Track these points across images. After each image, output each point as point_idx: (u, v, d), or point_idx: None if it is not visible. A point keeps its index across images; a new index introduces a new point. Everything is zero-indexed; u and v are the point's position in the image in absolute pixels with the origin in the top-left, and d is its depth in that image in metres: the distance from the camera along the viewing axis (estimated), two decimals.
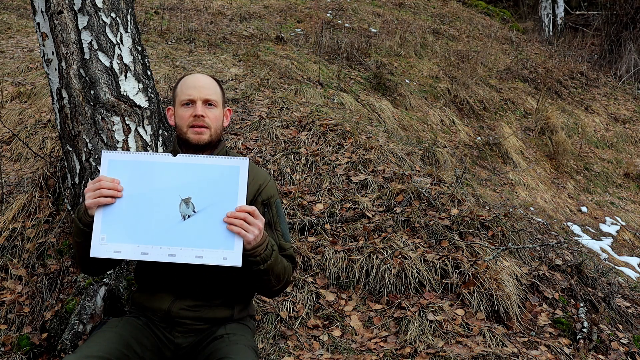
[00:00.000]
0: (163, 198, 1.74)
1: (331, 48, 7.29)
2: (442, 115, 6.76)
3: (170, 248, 1.72)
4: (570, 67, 9.58)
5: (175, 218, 1.73)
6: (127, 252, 1.73)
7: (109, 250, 1.74)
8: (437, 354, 2.76)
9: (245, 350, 1.82)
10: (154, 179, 1.75)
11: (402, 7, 10.92)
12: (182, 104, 1.90)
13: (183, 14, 8.13)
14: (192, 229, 1.72)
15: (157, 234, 1.73)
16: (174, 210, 1.73)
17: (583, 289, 3.49)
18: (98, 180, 1.73)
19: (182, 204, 1.73)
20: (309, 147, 4.39)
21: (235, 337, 1.87)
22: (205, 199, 1.74)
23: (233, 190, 1.73)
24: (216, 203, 1.73)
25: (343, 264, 3.32)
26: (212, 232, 1.72)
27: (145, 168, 1.76)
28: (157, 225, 1.73)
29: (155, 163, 1.76)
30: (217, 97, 1.93)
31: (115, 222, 1.74)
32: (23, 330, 2.90)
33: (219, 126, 1.94)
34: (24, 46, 6.42)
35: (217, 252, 1.71)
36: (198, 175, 1.75)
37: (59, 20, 2.83)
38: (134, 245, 1.73)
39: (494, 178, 5.96)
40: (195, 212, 1.73)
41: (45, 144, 4.32)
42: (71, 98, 2.88)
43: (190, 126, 1.88)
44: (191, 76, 1.96)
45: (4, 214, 3.48)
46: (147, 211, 1.74)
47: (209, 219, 1.73)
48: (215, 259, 1.71)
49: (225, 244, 1.71)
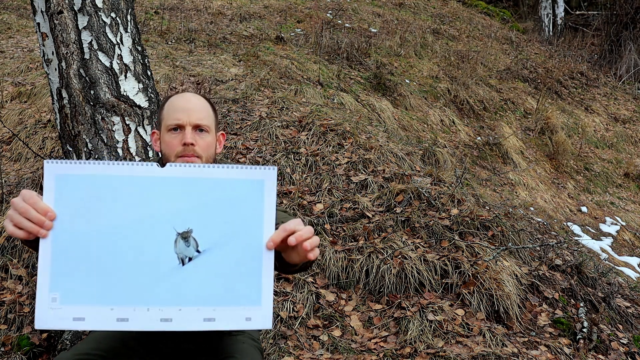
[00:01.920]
0: (148, 232, 1.19)
1: (331, 48, 7.29)
2: (442, 115, 6.76)
3: (163, 309, 1.18)
4: (570, 67, 9.58)
5: (168, 262, 1.19)
6: (94, 320, 1.17)
7: (65, 318, 1.16)
8: (437, 354, 2.76)
9: (252, 350, 1.80)
10: (131, 203, 1.19)
11: (402, 7, 10.92)
12: (169, 129, 1.64)
13: (183, 14, 8.13)
14: (196, 278, 1.19)
15: (142, 289, 1.18)
16: (166, 251, 1.19)
17: (583, 289, 3.49)
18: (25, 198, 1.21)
19: (179, 240, 1.20)
20: (309, 147, 4.39)
21: (242, 336, 1.85)
22: (215, 232, 1.21)
23: (256, 215, 1.21)
24: (231, 236, 1.21)
25: (343, 264, 3.32)
26: (228, 281, 1.20)
27: (117, 186, 1.19)
28: (141, 275, 1.18)
29: (133, 178, 1.19)
30: (209, 122, 1.68)
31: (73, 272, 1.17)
32: (23, 330, 2.90)
33: (211, 154, 1.68)
34: (24, 46, 6.42)
35: (237, 310, 1.20)
36: (200, 195, 1.21)
37: (59, 20, 2.83)
38: (105, 307, 1.17)
39: (494, 178, 5.96)
40: (199, 252, 1.20)
41: (45, 144, 4.32)
42: (71, 98, 2.88)
43: (179, 156, 1.62)
44: (180, 96, 1.70)
45: (4, 214, 3.48)
46: (124, 253, 1.19)
47: (221, 260, 1.20)
48: (234, 321, 1.20)
49: (249, 297, 1.20)
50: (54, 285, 1.17)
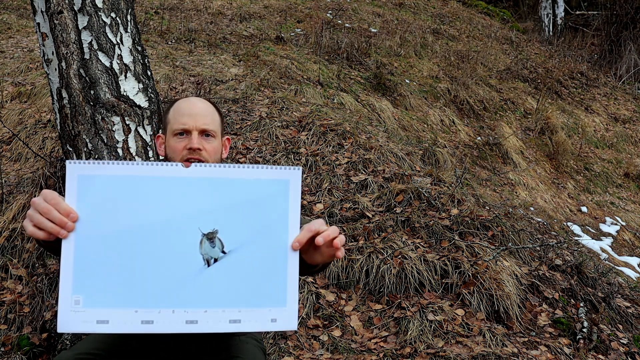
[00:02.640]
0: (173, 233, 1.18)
1: (331, 48, 7.29)
2: (442, 115, 6.76)
3: (188, 311, 1.17)
4: (570, 67, 9.58)
5: (194, 263, 1.18)
6: (118, 323, 1.16)
7: (89, 321, 1.15)
8: (437, 354, 2.76)
9: (256, 350, 1.79)
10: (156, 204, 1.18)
11: (402, 7, 10.92)
12: (175, 133, 1.64)
13: (183, 14, 8.13)
14: (222, 280, 1.18)
15: (167, 291, 1.17)
16: (192, 252, 1.18)
17: (583, 289, 3.49)
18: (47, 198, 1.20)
19: (205, 241, 1.19)
20: (309, 147, 4.39)
21: (244, 337, 1.85)
22: (240, 232, 1.20)
23: (281, 216, 1.21)
24: (257, 237, 1.20)
25: (343, 264, 3.32)
26: (253, 282, 1.19)
27: (141, 186, 1.19)
28: (166, 277, 1.17)
29: (157, 179, 1.19)
30: (216, 126, 1.67)
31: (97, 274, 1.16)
32: (23, 330, 2.90)
33: (217, 160, 1.67)
34: (24, 46, 6.42)
35: (263, 311, 1.19)
36: (225, 195, 1.20)
37: (59, 20, 2.83)
38: (129, 310, 1.16)
39: (494, 178, 5.96)
40: (225, 253, 1.19)
41: (45, 144, 4.32)
42: (71, 98, 2.88)
43: (185, 160, 1.60)
44: (186, 101, 1.69)
45: (4, 214, 3.48)
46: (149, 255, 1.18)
47: (246, 262, 1.19)
48: (260, 323, 1.19)
49: (274, 298, 1.19)
50: (77, 287, 1.15)
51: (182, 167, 1.21)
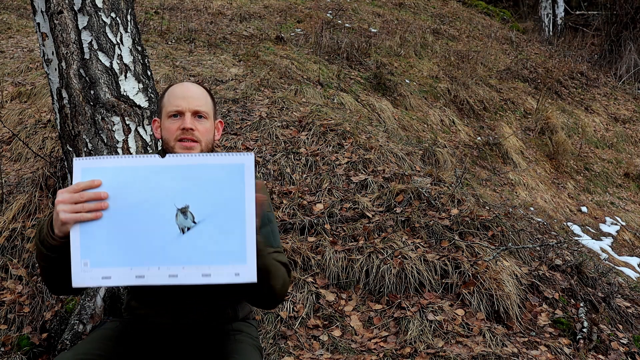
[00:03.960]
0: (155, 209, 1.48)
1: (331, 48, 7.29)
2: (442, 115, 6.76)
3: (170, 268, 1.48)
4: (570, 67, 9.57)
5: (172, 232, 1.48)
6: (118, 277, 1.48)
7: (96, 277, 1.47)
8: (437, 354, 2.76)
9: (251, 350, 1.80)
10: (141, 187, 1.50)
11: (402, 7, 10.92)
12: (170, 115, 1.74)
13: (183, 14, 8.13)
14: (194, 243, 1.48)
15: (153, 253, 1.48)
16: (170, 223, 1.48)
17: (583, 289, 3.49)
18: (78, 188, 1.44)
19: (179, 214, 1.49)
20: (309, 147, 4.39)
21: (240, 336, 1.85)
22: (207, 206, 1.49)
23: (239, 192, 1.49)
24: (221, 209, 1.49)
25: (343, 264, 3.32)
26: (219, 245, 1.48)
27: (129, 174, 1.50)
28: (152, 242, 1.48)
29: (140, 167, 1.50)
30: (208, 109, 1.78)
31: (99, 243, 1.48)
32: (23, 330, 2.90)
33: (209, 140, 1.78)
34: (24, 46, 6.42)
35: (227, 267, 1.48)
36: (194, 178, 1.50)
37: (59, 20, 2.83)
38: (125, 268, 1.47)
39: (494, 178, 5.96)
40: (195, 223, 1.49)
41: (45, 144, 4.32)
42: (71, 98, 2.88)
43: (179, 140, 1.72)
44: (179, 85, 1.80)
45: (4, 214, 3.48)
46: (137, 226, 1.48)
47: (213, 229, 1.48)
48: (226, 276, 1.47)
49: (236, 257, 1.48)
50: (84, 253, 1.48)
51: (159, 157, 1.51)
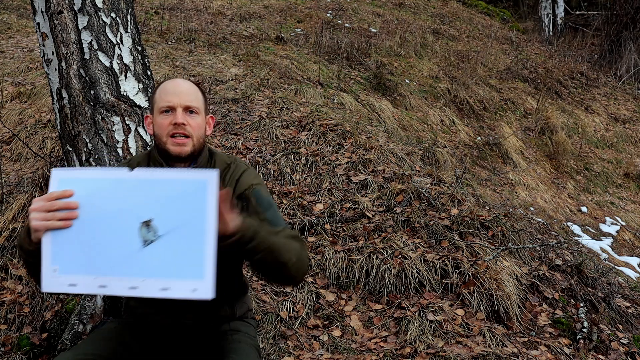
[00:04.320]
0: (120, 221, 1.51)
1: (331, 48, 7.29)
2: (442, 115, 6.76)
3: (131, 279, 1.50)
4: (570, 67, 9.57)
5: (135, 244, 1.50)
6: (83, 285, 1.52)
7: (63, 284, 1.52)
8: (437, 354, 2.76)
9: (248, 349, 1.80)
10: (109, 199, 1.53)
11: (402, 7, 10.92)
12: (161, 111, 1.75)
13: (183, 14, 8.13)
14: (156, 256, 1.50)
15: (116, 264, 1.50)
16: (133, 235, 1.50)
17: (583, 289, 3.49)
18: (51, 197, 1.50)
19: (142, 227, 1.50)
20: (309, 147, 4.39)
21: (238, 335, 1.85)
22: (169, 221, 1.50)
23: (201, 208, 1.49)
24: (182, 224, 1.50)
25: (343, 264, 3.32)
26: (179, 260, 1.49)
27: (99, 186, 1.54)
28: (115, 253, 1.51)
29: (109, 180, 1.54)
30: (199, 104, 1.79)
31: (68, 251, 1.52)
32: (23, 330, 2.90)
33: (201, 135, 1.79)
34: (24, 46, 6.42)
35: (186, 282, 1.49)
36: (159, 192, 1.51)
37: (59, 20, 2.83)
38: (90, 277, 1.51)
39: (494, 178, 5.96)
40: (158, 237, 1.50)
41: (45, 144, 4.32)
42: (71, 98, 2.88)
43: (170, 135, 1.73)
44: (171, 82, 1.82)
45: (4, 214, 3.48)
46: (103, 236, 1.51)
47: (174, 243, 1.50)
48: (184, 292, 1.49)
49: (195, 272, 1.48)
50: (55, 259, 1.52)
51: (127, 170, 1.54)
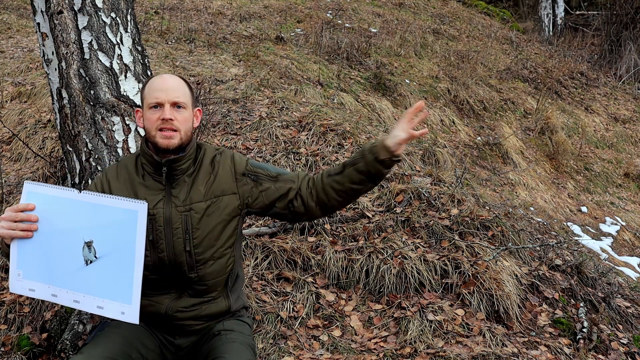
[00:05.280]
0: (70, 238, 1.62)
1: (331, 48, 7.29)
2: (442, 115, 6.76)
3: (74, 294, 1.62)
4: (570, 67, 9.57)
5: (79, 262, 1.62)
6: (39, 292, 1.65)
7: (24, 288, 1.66)
8: (437, 354, 2.76)
9: (242, 348, 1.82)
10: (62, 216, 1.64)
11: (402, 7, 10.91)
12: (150, 106, 1.84)
13: (183, 14, 8.13)
14: (94, 276, 1.61)
15: (65, 277, 1.62)
16: (78, 253, 1.62)
17: (583, 289, 3.49)
18: (17, 209, 1.68)
19: (85, 247, 1.62)
20: (309, 147, 4.39)
21: (232, 334, 1.87)
22: (106, 245, 1.61)
23: (131, 237, 1.60)
24: (115, 250, 1.61)
25: (343, 264, 3.32)
26: (112, 283, 1.60)
27: (56, 203, 1.65)
28: (65, 267, 1.62)
29: (63, 199, 1.65)
30: (186, 99, 1.87)
31: (30, 258, 1.65)
32: (23, 330, 2.90)
33: (188, 128, 1.87)
34: (24, 46, 6.41)
35: (116, 305, 1.60)
36: (99, 216, 1.62)
37: (59, 20, 2.83)
38: (45, 285, 1.64)
39: (494, 178, 5.96)
40: (96, 258, 1.61)
41: (45, 144, 4.32)
42: (71, 98, 2.88)
43: (159, 129, 1.82)
44: (158, 78, 1.90)
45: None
46: (57, 250, 1.63)
47: (108, 267, 1.60)
48: (114, 313, 1.60)
49: (123, 297, 1.59)
50: (19, 264, 1.66)
51: (75, 192, 1.66)
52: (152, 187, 1.84)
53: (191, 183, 1.85)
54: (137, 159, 1.90)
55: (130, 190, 1.84)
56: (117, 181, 1.87)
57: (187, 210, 1.82)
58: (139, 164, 1.89)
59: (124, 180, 1.87)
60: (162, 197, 1.83)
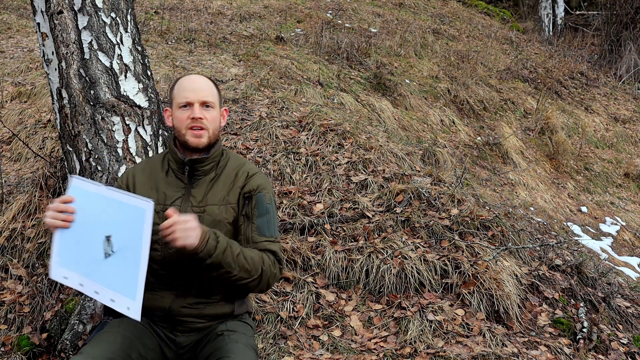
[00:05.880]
0: (96, 231, 1.70)
1: (331, 48, 7.29)
2: (442, 115, 6.76)
3: (95, 284, 1.69)
4: (570, 67, 9.57)
5: (102, 254, 1.69)
6: (71, 280, 1.73)
7: (59, 275, 1.75)
8: (437, 354, 2.76)
9: (245, 349, 1.82)
10: (94, 210, 1.73)
11: (402, 7, 10.91)
12: (180, 106, 1.92)
13: (183, 14, 8.13)
14: (110, 269, 1.67)
15: (90, 267, 1.70)
16: (101, 246, 1.69)
17: (583, 289, 3.49)
18: (60, 200, 1.76)
19: (105, 240, 1.68)
20: (309, 147, 4.39)
21: (235, 335, 1.87)
22: (120, 240, 1.67)
23: (138, 234, 1.64)
24: (126, 246, 1.66)
25: (343, 264, 3.32)
26: (121, 277, 1.65)
27: (91, 197, 1.74)
28: (91, 258, 1.70)
29: (96, 194, 1.74)
30: (214, 99, 1.95)
31: (66, 248, 1.74)
32: (23, 330, 2.90)
33: (216, 127, 1.96)
34: (24, 46, 6.42)
35: (124, 300, 1.64)
36: (116, 211, 1.69)
37: (59, 20, 2.83)
38: (75, 274, 1.72)
39: (494, 178, 5.96)
40: (113, 252, 1.67)
41: (45, 144, 4.32)
42: (71, 98, 2.88)
43: (189, 128, 1.90)
44: (188, 78, 1.98)
45: (4, 214, 3.48)
46: (86, 242, 1.71)
47: (120, 262, 1.66)
48: (122, 307, 1.64)
49: (129, 292, 1.63)
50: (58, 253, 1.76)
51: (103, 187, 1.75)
52: (174, 184, 1.94)
53: (210, 186, 1.93)
54: (165, 156, 2.00)
55: (152, 185, 1.94)
56: (142, 174, 1.98)
57: (201, 211, 1.88)
58: (165, 160, 1.99)
59: (148, 174, 1.97)
60: (181, 195, 1.91)
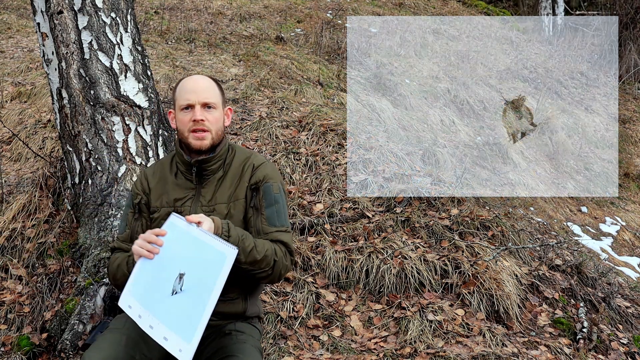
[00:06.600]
0: (173, 266, 1.67)
1: (331, 48, 7.29)
2: (442, 115, 6.75)
3: (153, 319, 1.64)
4: (570, 67, 9.56)
5: (168, 290, 1.65)
6: (133, 310, 1.69)
7: (126, 304, 1.71)
8: (437, 354, 2.76)
9: (252, 350, 1.82)
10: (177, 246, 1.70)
11: (402, 7, 10.91)
12: (182, 108, 1.91)
13: (183, 14, 8.13)
14: (173, 307, 1.63)
15: (154, 301, 1.66)
16: (171, 282, 1.66)
17: (583, 289, 3.49)
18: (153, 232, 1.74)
19: (177, 278, 1.65)
20: (309, 147, 4.39)
21: (243, 336, 1.87)
22: (192, 280, 1.64)
23: (213, 278, 1.60)
24: (196, 286, 1.62)
25: (343, 264, 3.32)
26: (183, 317, 1.61)
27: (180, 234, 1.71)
28: (158, 293, 1.66)
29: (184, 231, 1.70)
30: (216, 99, 1.93)
31: (141, 278, 1.71)
32: (23, 330, 2.90)
33: (219, 127, 1.93)
34: (24, 46, 6.42)
35: (178, 340, 1.59)
36: (196, 250, 1.65)
37: (59, 20, 2.83)
38: (139, 305, 1.68)
39: (494, 178, 5.95)
40: (181, 290, 1.64)
41: (45, 144, 4.32)
42: (71, 98, 2.88)
43: (191, 131, 1.88)
44: (189, 79, 1.96)
45: (4, 214, 3.48)
46: (160, 276, 1.68)
47: (185, 301, 1.62)
48: (174, 348, 1.59)
49: (187, 335, 1.59)
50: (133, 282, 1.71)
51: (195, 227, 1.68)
52: (183, 185, 1.94)
53: (219, 185, 1.92)
54: (173, 158, 1.99)
55: (163, 188, 1.94)
56: (153, 178, 1.98)
57: (210, 210, 1.88)
58: (173, 162, 1.98)
59: (158, 178, 1.97)
60: (191, 195, 1.92)
